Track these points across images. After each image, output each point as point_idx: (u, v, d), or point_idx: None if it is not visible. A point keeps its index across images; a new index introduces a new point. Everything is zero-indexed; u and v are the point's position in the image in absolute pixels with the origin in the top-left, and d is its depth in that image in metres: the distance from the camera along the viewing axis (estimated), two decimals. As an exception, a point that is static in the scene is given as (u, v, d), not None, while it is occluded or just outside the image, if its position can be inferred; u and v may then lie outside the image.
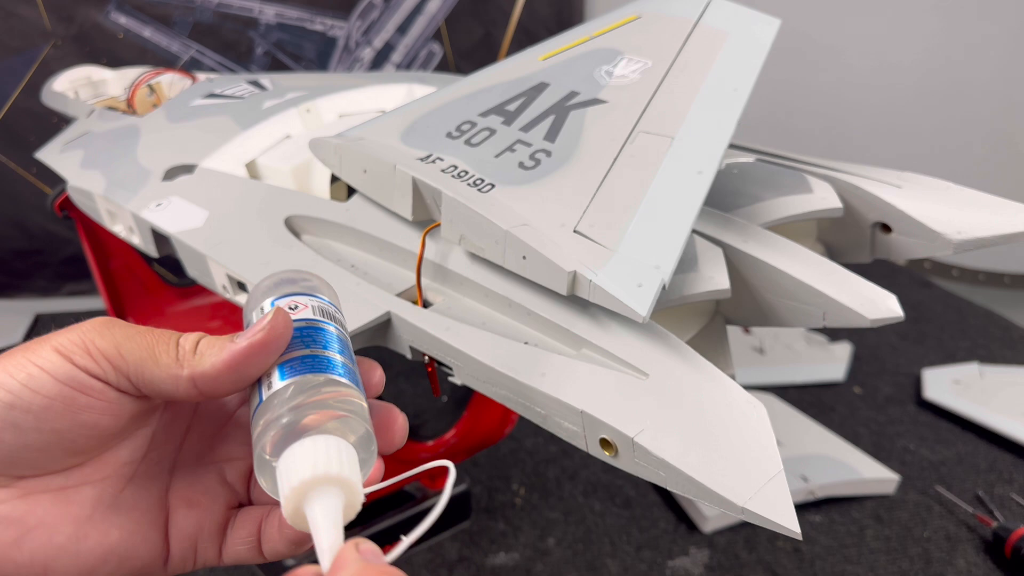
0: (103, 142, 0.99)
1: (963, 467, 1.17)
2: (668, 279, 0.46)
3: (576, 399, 0.46)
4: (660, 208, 0.50)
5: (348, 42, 1.84)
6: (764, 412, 0.44)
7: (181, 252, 0.76)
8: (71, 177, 0.95)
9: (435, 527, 1.00)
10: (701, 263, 0.55)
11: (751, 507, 0.39)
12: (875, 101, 2.09)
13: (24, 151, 1.67)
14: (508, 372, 0.50)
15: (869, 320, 0.52)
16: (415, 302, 0.58)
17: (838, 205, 0.66)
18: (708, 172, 0.52)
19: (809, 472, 1.08)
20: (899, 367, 1.47)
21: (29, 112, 1.69)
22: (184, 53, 1.77)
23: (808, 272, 0.55)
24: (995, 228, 0.62)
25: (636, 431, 0.43)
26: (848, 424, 1.28)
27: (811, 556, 0.98)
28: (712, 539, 1.01)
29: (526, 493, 1.10)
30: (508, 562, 0.97)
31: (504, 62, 0.65)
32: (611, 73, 0.59)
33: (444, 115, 0.60)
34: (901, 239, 0.66)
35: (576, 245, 0.48)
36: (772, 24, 0.63)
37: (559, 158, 0.54)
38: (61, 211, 1.10)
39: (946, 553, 0.99)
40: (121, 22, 1.72)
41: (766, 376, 1.40)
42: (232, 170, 0.83)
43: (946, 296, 1.84)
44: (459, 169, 0.54)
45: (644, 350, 0.48)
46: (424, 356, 0.57)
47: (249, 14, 1.78)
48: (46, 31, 1.68)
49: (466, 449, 0.96)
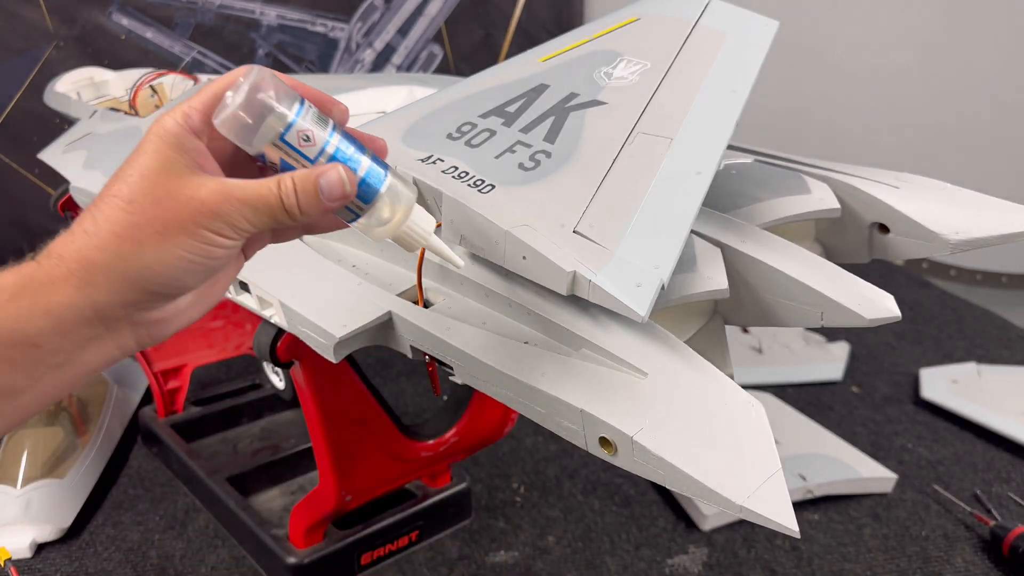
0: (105, 143, 1.00)
1: (961, 466, 1.18)
2: (667, 279, 0.46)
3: (576, 398, 0.47)
4: (659, 209, 0.50)
5: (349, 44, 1.85)
6: (762, 411, 0.44)
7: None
8: (74, 177, 0.95)
9: (436, 526, 1.01)
10: (700, 263, 0.55)
11: (749, 505, 0.40)
12: (873, 102, 2.09)
13: (27, 152, 1.67)
14: (508, 371, 0.50)
15: (867, 320, 0.52)
16: (416, 302, 0.59)
17: (836, 206, 0.67)
18: (707, 173, 0.52)
19: (807, 471, 1.08)
20: (897, 367, 1.48)
21: (31, 113, 1.70)
22: (186, 55, 1.78)
23: (806, 272, 0.56)
24: (992, 228, 0.62)
25: (635, 430, 0.44)
26: (846, 423, 1.28)
27: (809, 554, 0.99)
28: (711, 537, 1.01)
29: (526, 491, 1.10)
30: (508, 560, 0.98)
31: (504, 64, 0.65)
32: (610, 75, 0.60)
33: (445, 116, 0.60)
34: (899, 239, 0.66)
35: (576, 245, 0.49)
36: (770, 25, 0.64)
37: (559, 159, 0.54)
38: (64, 211, 1.11)
39: (944, 552, 1.00)
40: (123, 24, 1.73)
41: (764, 375, 1.40)
42: (234, 171, 0.83)
43: (944, 296, 1.84)
44: (460, 170, 0.55)
45: (643, 350, 0.48)
46: (425, 355, 0.57)
47: (251, 16, 1.78)
48: (48, 32, 1.69)
49: (466, 448, 0.97)
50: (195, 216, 0.40)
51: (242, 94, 0.41)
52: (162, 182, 0.40)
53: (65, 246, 0.40)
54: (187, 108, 0.42)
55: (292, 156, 0.42)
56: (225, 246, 0.42)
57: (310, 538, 0.91)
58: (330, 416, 0.82)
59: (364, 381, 0.85)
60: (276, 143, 0.42)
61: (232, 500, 1.00)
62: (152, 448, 1.18)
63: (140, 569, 0.96)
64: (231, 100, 0.41)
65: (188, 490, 1.10)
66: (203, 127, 0.43)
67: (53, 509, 1.00)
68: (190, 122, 0.42)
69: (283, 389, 1.23)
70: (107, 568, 0.96)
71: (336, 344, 0.57)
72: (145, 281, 0.41)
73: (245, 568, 0.96)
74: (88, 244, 0.39)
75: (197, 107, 0.42)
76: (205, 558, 0.98)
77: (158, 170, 0.41)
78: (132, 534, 1.02)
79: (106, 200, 0.40)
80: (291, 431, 1.20)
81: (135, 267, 0.40)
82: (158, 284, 0.41)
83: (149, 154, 0.41)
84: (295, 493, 1.07)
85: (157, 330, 0.44)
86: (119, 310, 0.41)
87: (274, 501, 1.05)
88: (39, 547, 0.98)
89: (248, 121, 0.41)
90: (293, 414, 1.25)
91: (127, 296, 0.40)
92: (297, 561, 0.90)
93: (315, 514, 0.89)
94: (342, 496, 0.86)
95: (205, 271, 0.42)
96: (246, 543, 0.98)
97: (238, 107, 0.41)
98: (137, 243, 0.40)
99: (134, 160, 0.41)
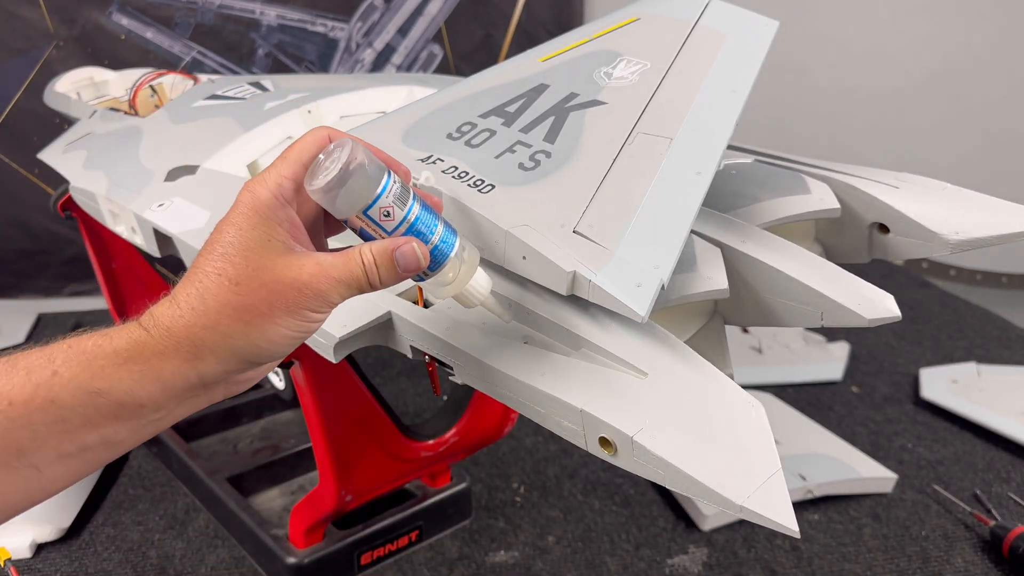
0: (105, 143, 1.00)
1: (961, 466, 1.18)
2: (667, 279, 0.46)
3: (575, 398, 0.47)
4: (659, 209, 0.50)
5: (349, 44, 1.85)
6: (762, 411, 0.44)
7: (184, 252, 0.76)
8: (74, 178, 0.95)
9: (436, 526, 1.01)
10: (700, 263, 0.55)
11: (749, 505, 0.40)
12: (873, 102, 2.10)
13: (27, 152, 1.67)
14: (508, 371, 0.50)
15: (867, 320, 0.52)
16: (416, 302, 0.59)
17: (836, 206, 0.67)
18: (707, 173, 0.52)
19: (807, 471, 1.08)
20: (897, 367, 1.48)
21: (31, 113, 1.70)
22: (186, 54, 1.78)
23: (806, 272, 0.56)
24: (992, 228, 0.62)
25: (635, 430, 0.44)
26: (846, 423, 1.28)
27: (809, 554, 0.99)
28: (711, 537, 1.01)
29: (526, 491, 1.10)
30: (508, 560, 0.98)
31: (504, 64, 0.65)
32: (610, 75, 0.60)
33: (445, 116, 0.60)
34: (899, 239, 0.66)
35: (576, 245, 0.49)
36: (770, 26, 0.64)
37: (559, 159, 0.54)
38: (64, 211, 1.11)
39: (944, 552, 1.00)
40: (123, 23, 1.73)
41: (764, 375, 1.40)
42: (234, 171, 0.83)
43: (943, 296, 1.84)
44: (460, 170, 0.55)
45: (643, 350, 0.48)
46: (425, 355, 0.57)
47: (251, 16, 1.78)
48: (48, 32, 1.69)
49: (466, 448, 0.97)
50: (298, 298, 0.43)
51: (337, 167, 0.43)
52: (266, 265, 0.43)
53: (173, 320, 0.43)
54: (279, 178, 0.44)
55: (372, 227, 0.45)
56: (320, 320, 0.45)
57: (310, 538, 0.91)
58: (330, 416, 0.82)
59: (364, 381, 0.85)
60: (359, 215, 0.45)
61: (232, 500, 1.00)
62: (152, 448, 1.18)
63: (140, 569, 0.96)
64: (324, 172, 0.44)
65: (188, 490, 1.10)
66: (294, 196, 0.45)
67: (53, 509, 1.00)
68: (283, 192, 0.44)
69: (283, 389, 1.23)
70: (107, 568, 0.96)
71: (336, 344, 0.57)
72: (249, 355, 0.44)
73: (245, 568, 0.96)
74: (196, 322, 0.42)
75: (287, 175, 0.44)
76: (205, 558, 0.98)
77: (259, 251, 0.43)
78: (132, 534, 1.02)
79: (211, 278, 0.43)
80: (291, 431, 1.20)
81: (242, 344, 0.43)
82: (261, 357, 0.45)
83: (248, 230, 0.43)
84: (295, 493, 1.07)
85: (244, 386, 0.48)
86: (221, 376, 0.44)
87: (274, 501, 1.05)
88: (39, 547, 0.98)
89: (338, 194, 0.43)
90: (293, 414, 1.25)
91: (230, 366, 0.44)
92: (297, 561, 0.90)
93: (315, 514, 0.89)
94: (342, 496, 0.86)
95: (302, 341, 0.46)
96: (246, 543, 0.98)
97: (331, 181, 0.43)
98: (244, 324, 0.43)
99: (232, 233, 0.43)
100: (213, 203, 0.77)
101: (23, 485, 0.41)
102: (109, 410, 0.42)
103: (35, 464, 0.41)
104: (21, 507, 0.42)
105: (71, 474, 0.43)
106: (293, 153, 0.45)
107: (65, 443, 0.41)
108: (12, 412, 0.40)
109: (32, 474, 0.41)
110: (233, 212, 0.44)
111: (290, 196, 0.44)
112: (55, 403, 0.40)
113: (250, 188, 0.44)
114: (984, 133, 2.07)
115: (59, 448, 0.41)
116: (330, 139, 0.46)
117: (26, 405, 0.40)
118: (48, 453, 0.41)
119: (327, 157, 0.44)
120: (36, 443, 0.41)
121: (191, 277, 0.43)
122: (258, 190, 0.44)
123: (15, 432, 0.40)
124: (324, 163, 0.44)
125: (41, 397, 0.40)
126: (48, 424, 0.40)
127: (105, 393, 0.41)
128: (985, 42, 2.01)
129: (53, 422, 0.41)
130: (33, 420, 0.40)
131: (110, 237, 1.18)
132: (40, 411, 0.40)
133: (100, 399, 0.41)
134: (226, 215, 0.44)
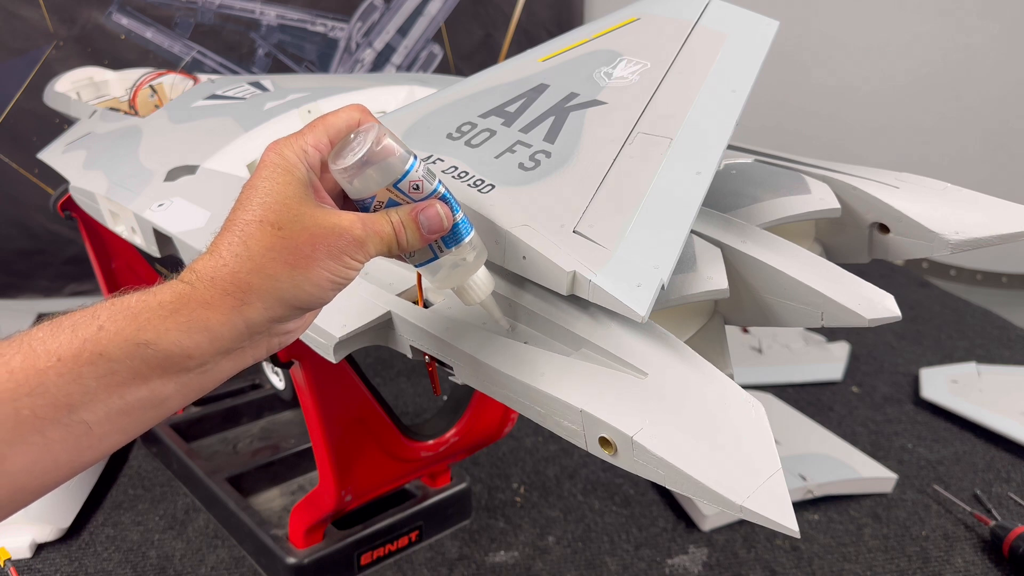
0: (105, 143, 1.00)
1: (961, 466, 1.18)
2: (667, 279, 0.46)
3: (575, 398, 0.47)
4: (659, 209, 0.50)
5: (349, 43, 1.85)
6: (762, 411, 0.44)
7: (183, 252, 0.76)
8: (73, 178, 0.95)
9: (435, 526, 1.01)
10: (700, 263, 0.55)
11: (749, 505, 0.40)
12: (873, 102, 2.10)
13: (26, 152, 1.67)
14: (508, 371, 0.50)
15: (867, 320, 0.52)
16: (416, 302, 0.59)
17: (836, 206, 0.67)
18: (707, 173, 0.52)
19: (807, 471, 1.08)
20: (897, 367, 1.48)
21: (31, 113, 1.70)
22: (186, 54, 1.78)
23: (806, 272, 0.56)
24: (992, 228, 0.62)
25: (635, 430, 0.44)
26: (846, 423, 1.28)
27: (809, 554, 0.99)
28: (711, 537, 1.01)
29: (526, 491, 1.10)
30: (508, 560, 0.98)
31: (504, 64, 0.65)
32: (610, 74, 0.60)
33: (445, 116, 0.60)
34: (899, 239, 0.66)
35: (576, 245, 0.49)
36: (771, 26, 0.64)
37: (559, 159, 0.54)
38: (63, 211, 1.11)
39: (944, 552, 1.00)
40: (123, 23, 1.73)
41: (764, 375, 1.40)
42: (234, 171, 0.83)
43: (944, 296, 1.84)
44: (460, 170, 0.55)
45: (643, 350, 0.48)
46: (425, 355, 0.57)
47: (251, 16, 1.79)
48: (48, 32, 1.69)
49: (466, 448, 0.97)
50: (339, 242, 0.44)
51: (367, 144, 0.45)
52: (306, 211, 0.44)
53: (216, 270, 0.43)
54: (304, 144, 0.45)
55: (402, 199, 0.47)
56: (358, 268, 0.47)
57: (310, 538, 0.91)
58: (330, 416, 0.82)
59: (364, 381, 0.85)
60: (390, 188, 0.46)
61: (232, 500, 1.00)
62: (152, 448, 1.19)
63: (140, 569, 0.96)
64: (353, 152, 0.45)
65: (188, 490, 1.10)
66: (317, 165, 0.46)
67: (53, 509, 1.00)
68: (308, 158, 0.45)
69: (283, 389, 1.23)
70: (107, 568, 0.96)
71: (336, 344, 0.57)
72: (295, 299, 0.44)
73: (245, 568, 0.96)
74: (241, 268, 0.43)
75: (313, 144, 0.46)
76: (205, 558, 0.98)
77: (298, 199, 0.44)
78: (132, 534, 1.02)
79: (252, 226, 0.44)
80: (291, 431, 1.20)
81: (287, 287, 0.44)
82: (305, 301, 0.45)
83: (283, 184, 0.44)
84: (295, 493, 1.07)
85: (286, 339, 0.49)
86: (266, 324, 0.45)
87: (274, 501, 1.05)
88: (39, 547, 0.98)
89: (369, 169, 0.45)
90: (293, 414, 1.25)
91: (276, 312, 0.44)
92: (297, 561, 0.90)
93: (315, 514, 0.89)
94: (342, 496, 0.86)
95: (341, 288, 0.47)
96: (246, 543, 0.98)
97: (363, 156, 0.45)
98: (290, 266, 0.43)
99: (267, 186, 0.44)
100: (213, 203, 0.77)
101: (73, 443, 0.41)
102: (157, 362, 0.42)
103: (85, 420, 0.41)
104: (70, 467, 0.42)
105: (118, 432, 0.43)
106: (322, 125, 0.46)
107: (114, 398, 0.41)
108: (62, 367, 0.40)
109: (82, 430, 0.41)
110: (263, 168, 0.45)
111: (315, 163, 0.46)
112: (103, 356, 0.40)
113: (276, 149, 0.45)
114: (984, 132, 2.07)
115: (108, 403, 0.41)
116: (360, 123, 0.47)
117: (75, 360, 0.40)
118: (98, 408, 0.41)
119: (355, 138, 0.46)
120: (86, 397, 0.41)
121: (229, 228, 0.44)
122: (285, 152, 0.45)
123: (65, 387, 0.40)
124: (352, 143, 0.46)
125: (89, 351, 0.40)
126: (98, 378, 0.41)
127: (152, 344, 0.41)
128: (985, 42, 2.01)
129: (102, 375, 0.41)
130: (83, 374, 0.40)
131: (110, 237, 1.18)
132: (89, 364, 0.40)
133: (148, 350, 0.41)
134: (254, 174, 0.45)
